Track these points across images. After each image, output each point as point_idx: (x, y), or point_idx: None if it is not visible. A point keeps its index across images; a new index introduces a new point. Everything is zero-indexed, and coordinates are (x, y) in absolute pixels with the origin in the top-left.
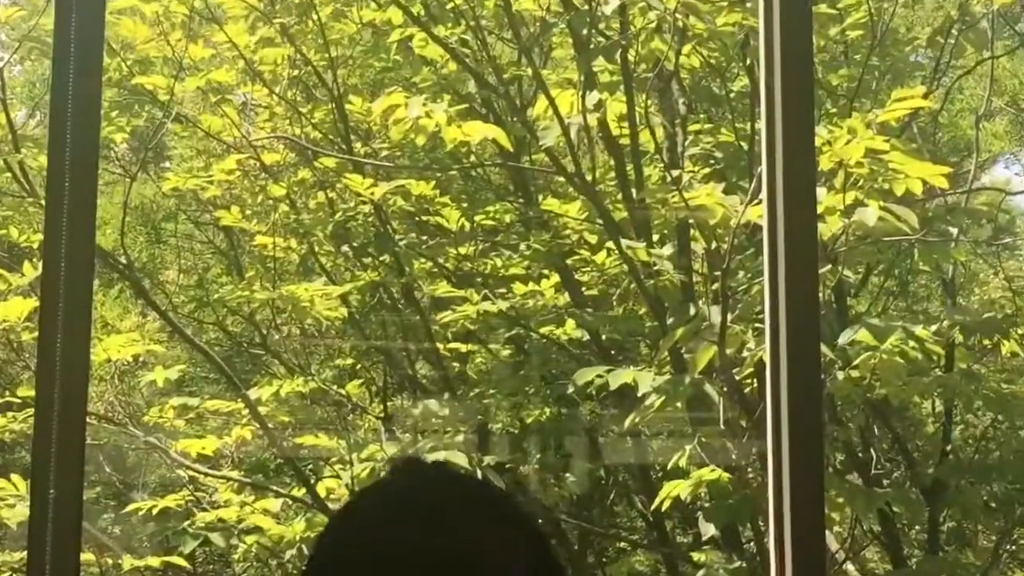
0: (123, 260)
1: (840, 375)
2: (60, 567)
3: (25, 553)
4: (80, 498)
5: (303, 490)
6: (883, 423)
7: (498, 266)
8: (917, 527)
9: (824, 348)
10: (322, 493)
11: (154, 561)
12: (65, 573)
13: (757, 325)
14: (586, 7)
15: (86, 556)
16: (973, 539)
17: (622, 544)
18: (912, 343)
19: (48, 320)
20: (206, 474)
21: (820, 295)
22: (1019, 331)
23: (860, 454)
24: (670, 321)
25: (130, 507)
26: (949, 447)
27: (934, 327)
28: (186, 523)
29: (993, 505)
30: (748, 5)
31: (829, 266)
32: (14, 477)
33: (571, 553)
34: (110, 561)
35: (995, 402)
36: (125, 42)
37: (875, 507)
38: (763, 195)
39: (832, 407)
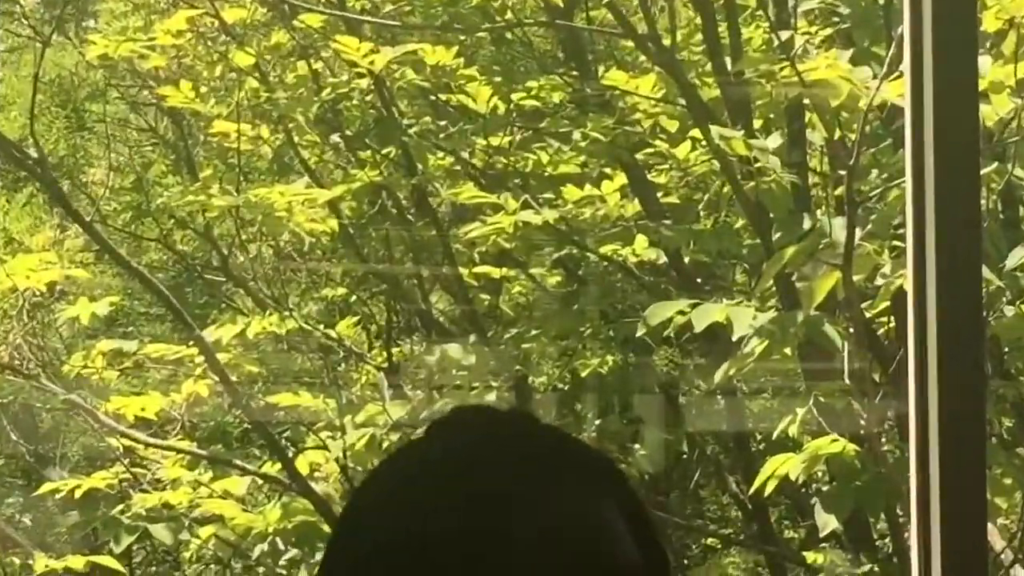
0: (33, 154)
1: (1009, 311)
2: None
3: None
4: None
5: (278, 465)
6: None
7: (543, 162)
8: None
9: (987, 273)
10: (303, 469)
11: (76, 561)
12: None
13: (896, 244)
14: None
15: None
16: None
17: (710, 540)
18: None
19: None
20: (147, 444)
21: (982, 203)
22: None
23: None
24: (776, 237)
25: (45, 488)
26: None
27: None
28: (119, 510)
29: None
30: None
31: (995, 164)
32: None
33: None
34: (17, 561)
35: None
36: None
37: None
38: (905, 66)
39: (997, 354)
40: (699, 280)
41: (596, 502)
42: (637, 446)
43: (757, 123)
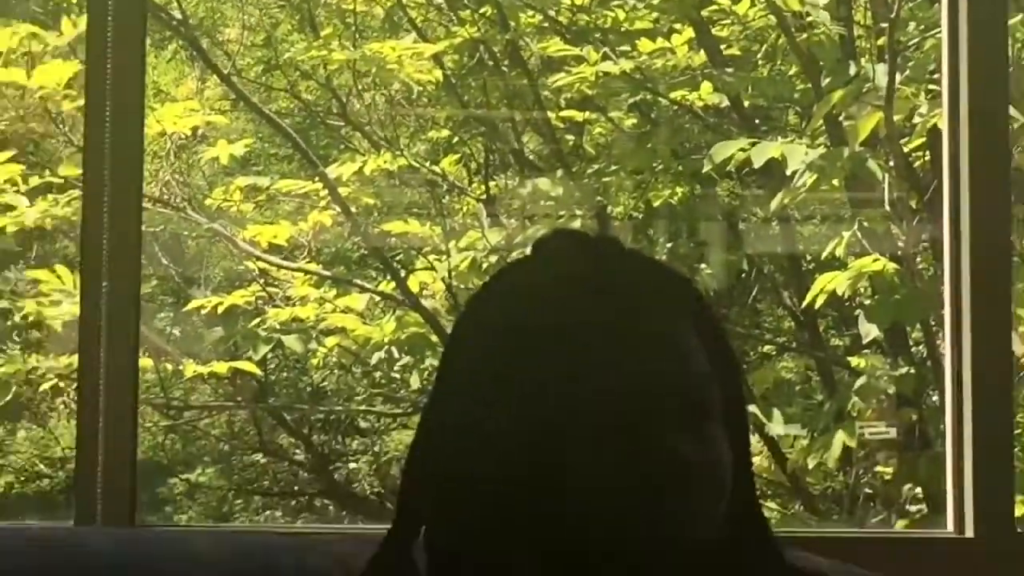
0: (178, 15)
1: None
2: (115, 372)
3: (75, 357)
4: (137, 294)
5: (392, 284)
6: None
7: (620, 19)
8: None
9: (1013, 112)
10: (414, 288)
11: (220, 367)
12: (121, 379)
13: (931, 87)
14: None
15: (142, 361)
16: None
17: (767, 347)
18: None
19: (95, 85)
20: (279, 266)
21: (1008, 47)
22: None
23: None
24: (826, 83)
25: (191, 305)
26: None
27: None
28: (256, 323)
29: None
30: None
31: (1020, 16)
32: (59, 269)
33: None
34: (169, 367)
35: None
36: None
37: None
38: None
39: (1022, 183)
40: (757, 121)
41: (673, 323)
42: (703, 266)
43: None
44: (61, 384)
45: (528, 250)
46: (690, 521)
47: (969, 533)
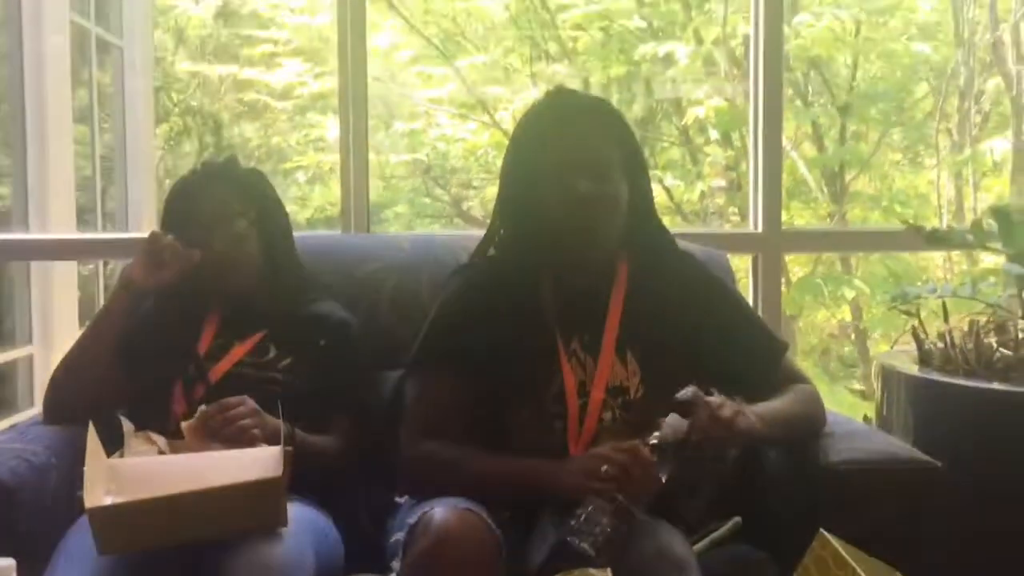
0: None
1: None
2: (358, 163)
3: (338, 155)
4: (366, 124)
5: (487, 117)
6: (816, 70)
7: None
8: (833, 130)
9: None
10: (498, 118)
11: (406, 157)
12: (360, 166)
13: None
14: None
15: (370, 156)
16: (865, 136)
17: (664, 144)
18: None
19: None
20: (434, 109)
21: None
22: None
23: (802, 88)
24: None
25: (393, 129)
26: (855, 83)
27: None
28: (423, 136)
29: (878, 116)
30: None
31: None
32: (329, 113)
33: None
34: (384, 158)
35: None
36: None
37: (810, 119)
38: None
39: (787, 60)
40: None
41: (600, 128)
42: (635, 107)
43: None
44: (334, 167)
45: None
46: (599, 228)
47: (759, 230)
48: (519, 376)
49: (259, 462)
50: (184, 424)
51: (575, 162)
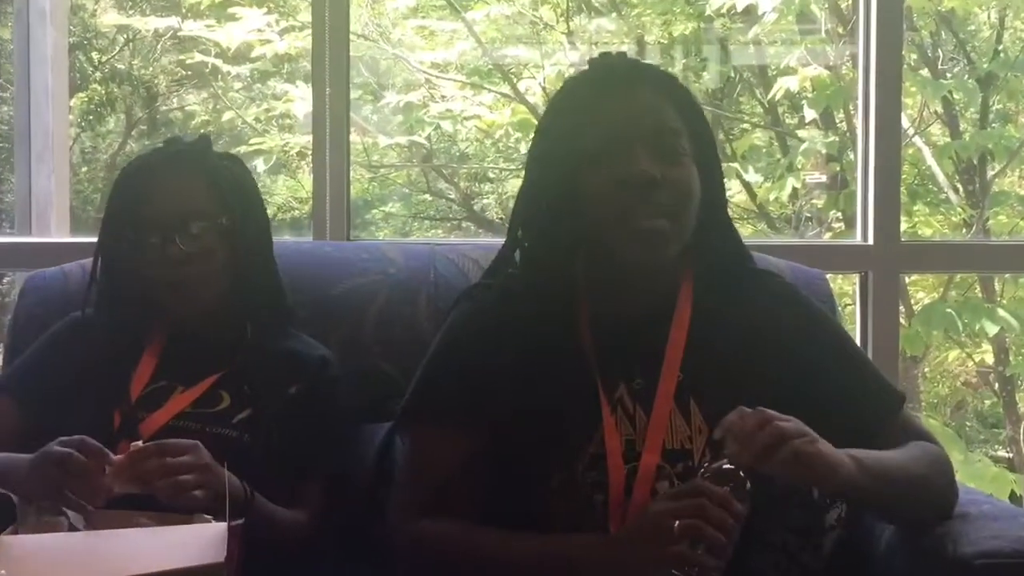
0: None
1: None
2: (335, 146)
3: (311, 136)
4: (347, 94)
5: (508, 87)
6: (948, 28)
7: None
8: (972, 109)
9: None
10: (521, 89)
11: (401, 140)
12: (338, 151)
13: None
14: None
15: (352, 137)
16: (1015, 118)
17: (744, 125)
18: None
19: None
20: (437, 77)
21: None
22: None
23: (929, 53)
24: None
25: (383, 102)
26: (1000, 46)
27: None
28: (423, 112)
29: None
30: None
31: None
32: (298, 82)
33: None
34: (370, 140)
35: None
36: None
37: (940, 94)
38: None
39: (909, 17)
40: None
41: (657, 98)
42: (705, 74)
43: None
44: (305, 151)
45: (587, 65)
46: (669, 206)
47: (870, 241)
48: (547, 434)
49: (198, 542)
50: (111, 463)
51: (636, 135)
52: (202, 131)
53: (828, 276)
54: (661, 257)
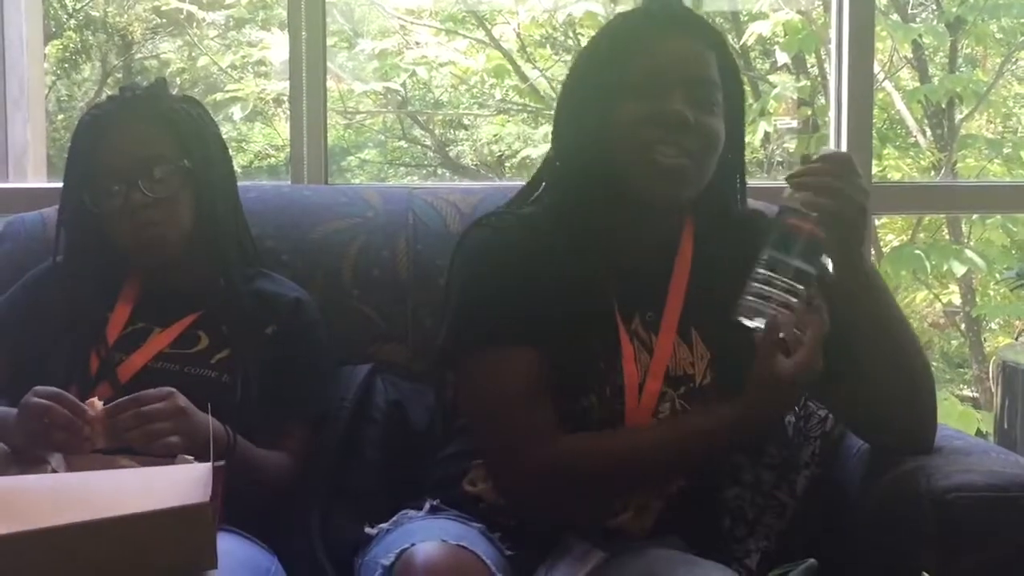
0: None
1: None
2: (312, 92)
3: (287, 83)
4: (324, 40)
5: (483, 32)
6: None
7: None
8: (941, 54)
9: None
10: (496, 35)
11: (376, 86)
12: (315, 97)
13: None
14: None
15: (329, 84)
16: (983, 61)
17: None
18: None
19: None
20: (412, 23)
21: None
22: None
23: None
24: None
25: (358, 49)
26: None
27: None
28: (398, 59)
29: (1000, 35)
30: None
31: None
32: (274, 29)
33: None
34: (345, 87)
35: None
36: None
37: (910, 38)
38: None
39: None
40: None
41: (701, 46)
42: None
43: None
44: (281, 98)
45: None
46: (694, 151)
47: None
48: (575, 361)
49: (181, 483)
50: (92, 410)
51: (677, 77)
52: (160, 76)
53: None
54: (678, 196)
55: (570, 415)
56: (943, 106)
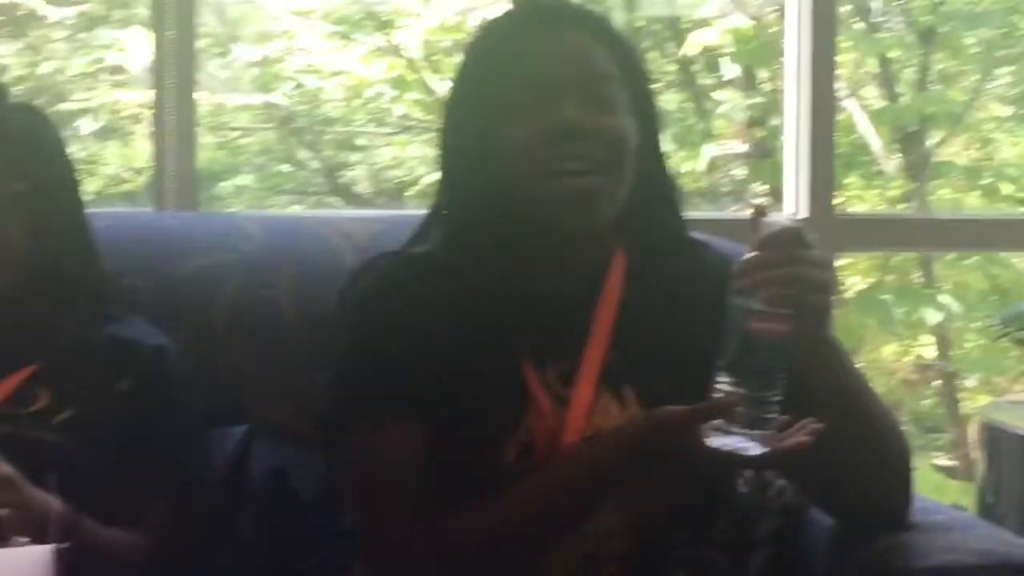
0: None
1: None
2: (181, 104)
3: (146, 94)
4: (193, 42)
5: (383, 38)
6: None
7: None
8: (910, 69)
9: None
10: (397, 41)
11: (254, 99)
12: (184, 108)
13: None
14: None
15: (199, 96)
16: (957, 79)
17: (654, 86)
18: None
19: None
20: (298, 25)
21: None
22: None
23: (864, 4)
24: None
25: (233, 56)
26: None
27: None
28: (280, 67)
29: (977, 49)
30: None
31: None
32: (134, 27)
33: None
34: (217, 100)
35: None
36: None
37: (876, 51)
38: None
39: None
40: None
41: (586, 41)
42: None
43: None
44: (142, 112)
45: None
46: (602, 161)
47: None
48: (474, 423)
49: (13, 570)
50: None
51: (560, 82)
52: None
53: None
54: (593, 220)
55: (470, 482)
56: (914, 129)
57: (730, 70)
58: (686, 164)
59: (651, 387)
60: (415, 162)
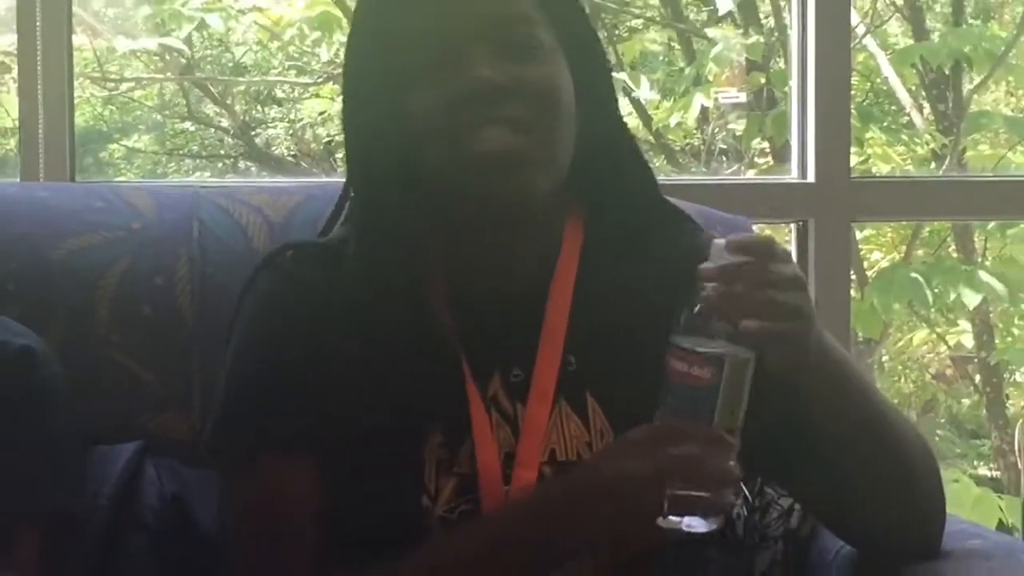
0: None
1: None
2: (51, 50)
3: (15, 37)
4: None
5: None
6: None
7: None
8: (941, 1)
9: None
10: None
11: (149, 43)
12: (57, 57)
13: None
14: None
15: (78, 40)
16: (999, 11)
17: (634, 21)
18: None
19: None
20: None
21: None
22: None
23: None
24: None
25: None
26: None
27: None
28: (182, 2)
29: None
30: None
31: None
32: None
33: None
34: (104, 44)
35: None
36: None
37: None
38: None
39: None
40: None
41: None
42: None
43: None
44: (6, 61)
45: None
46: (525, 120)
47: (810, 179)
48: (390, 454)
49: None
50: None
51: (469, 33)
52: None
53: (753, 227)
54: (523, 188)
55: (386, 528)
56: (946, 72)
57: (725, 3)
58: (673, 116)
59: (615, 396)
60: None
